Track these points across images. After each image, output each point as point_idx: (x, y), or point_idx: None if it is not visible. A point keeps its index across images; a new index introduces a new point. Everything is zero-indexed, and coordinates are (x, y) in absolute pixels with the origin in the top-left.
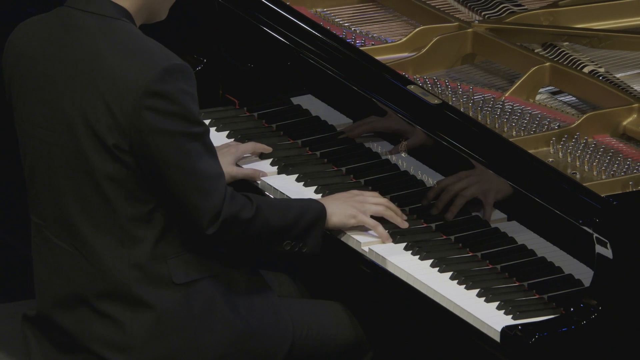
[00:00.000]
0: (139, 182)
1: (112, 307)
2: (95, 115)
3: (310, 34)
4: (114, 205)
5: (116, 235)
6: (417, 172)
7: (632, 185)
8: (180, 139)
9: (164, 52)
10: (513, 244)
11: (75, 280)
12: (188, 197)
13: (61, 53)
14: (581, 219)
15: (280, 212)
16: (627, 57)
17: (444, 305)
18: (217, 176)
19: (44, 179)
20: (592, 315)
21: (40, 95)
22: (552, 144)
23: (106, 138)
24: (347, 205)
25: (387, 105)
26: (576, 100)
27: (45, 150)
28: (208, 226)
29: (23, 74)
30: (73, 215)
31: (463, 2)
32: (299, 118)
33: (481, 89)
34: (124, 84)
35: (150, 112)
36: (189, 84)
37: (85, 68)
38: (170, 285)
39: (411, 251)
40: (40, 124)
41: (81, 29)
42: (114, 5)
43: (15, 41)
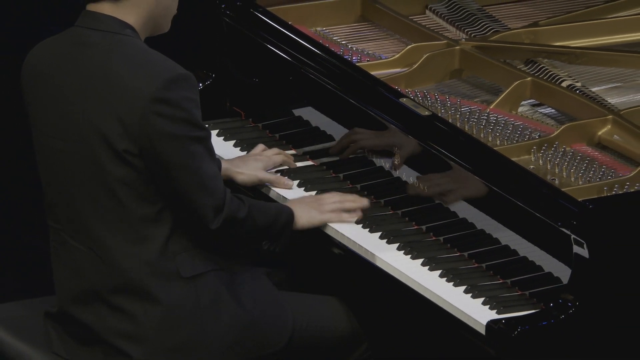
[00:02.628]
0: (148, 184)
1: (125, 301)
2: (107, 124)
3: (310, 51)
4: (125, 207)
5: (128, 234)
6: (409, 178)
7: (606, 190)
8: (186, 142)
9: (169, 63)
10: (497, 244)
11: (91, 278)
12: (193, 195)
13: (73, 68)
14: (560, 221)
15: (262, 213)
16: (602, 73)
17: (433, 300)
18: (218, 176)
19: (60, 186)
20: (569, 310)
21: (54, 108)
22: (533, 153)
23: (117, 144)
24: (309, 207)
25: (381, 116)
26: (555, 112)
27: (60, 159)
28: (212, 221)
29: (39, 90)
30: (87, 217)
31: (451, 22)
32: (300, 128)
33: (468, 102)
34: (133, 94)
35: (158, 117)
36: (192, 91)
37: (96, 81)
38: (178, 279)
39: (403, 251)
40: (54, 134)
41: (91, 45)
42: (119, 22)
43: (31, 60)
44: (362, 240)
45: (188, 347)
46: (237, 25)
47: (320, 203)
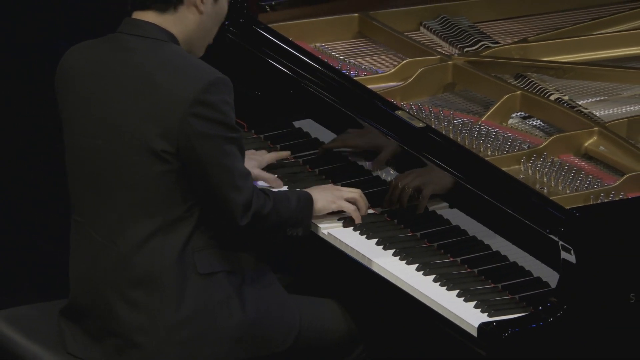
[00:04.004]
0: (180, 183)
1: (141, 295)
2: (145, 125)
3: (310, 65)
4: (155, 204)
5: (154, 231)
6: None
7: (592, 199)
8: (221, 142)
9: (208, 67)
10: (488, 250)
11: (110, 272)
12: (225, 192)
13: (112, 71)
14: (548, 228)
15: (285, 203)
16: (588, 87)
17: (427, 304)
18: (248, 175)
19: (89, 182)
20: (557, 313)
21: (91, 109)
22: (523, 163)
23: (155, 144)
24: (327, 192)
25: (378, 128)
26: (544, 124)
27: (93, 157)
28: (242, 218)
29: (74, 90)
30: (115, 212)
31: (444, 38)
32: (300, 139)
33: (460, 114)
34: (173, 96)
35: (197, 118)
36: (229, 95)
37: (134, 83)
38: (195, 275)
39: (399, 256)
40: (89, 134)
41: (131, 50)
42: (161, 29)
43: (68, 61)
44: (359, 247)
45: (199, 341)
46: (240, 41)
47: (338, 189)
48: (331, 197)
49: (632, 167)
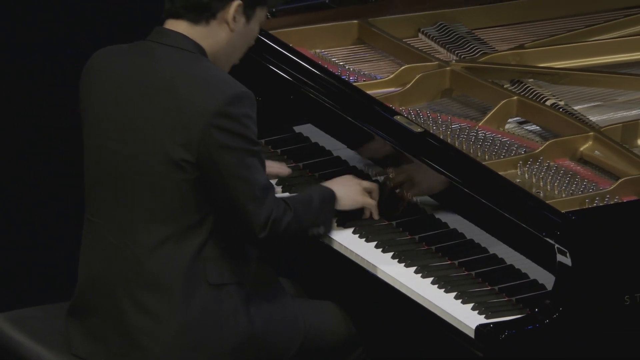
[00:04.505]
0: (196, 192)
1: (150, 300)
2: (167, 133)
3: (310, 71)
4: (170, 211)
5: (167, 236)
6: (403, 191)
7: (588, 202)
8: (242, 154)
9: (233, 81)
10: (486, 253)
11: (121, 274)
12: (244, 204)
13: (138, 77)
14: (544, 231)
15: (307, 208)
16: (583, 92)
17: (425, 306)
18: (269, 187)
19: (107, 184)
20: (553, 315)
21: (115, 112)
22: (519, 167)
23: (175, 153)
24: (349, 189)
25: (377, 133)
26: (540, 129)
27: (113, 159)
28: (260, 230)
29: (99, 93)
30: (130, 216)
31: (442, 44)
32: (300, 144)
33: (458, 119)
34: (196, 107)
35: (219, 130)
36: (252, 109)
37: (160, 91)
38: (204, 285)
39: (398, 259)
40: (111, 136)
41: (159, 58)
42: (190, 41)
43: (95, 64)
44: (358, 249)
45: (203, 349)
46: None
47: (358, 182)
48: (355, 194)
49: (627, 172)
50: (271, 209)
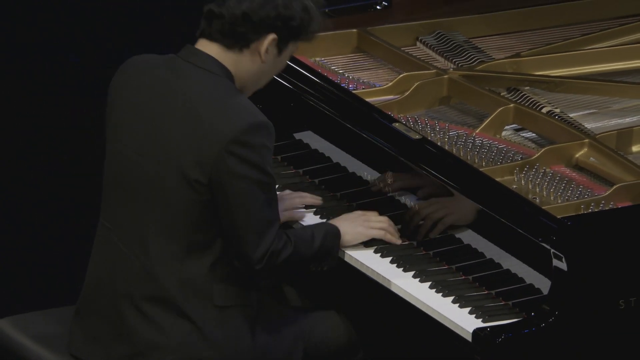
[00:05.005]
0: (207, 214)
1: (156, 311)
2: (184, 153)
3: (310, 79)
4: (180, 228)
5: (176, 252)
6: (401, 196)
7: (583, 208)
8: (253, 185)
9: (253, 109)
10: (483, 258)
11: (129, 282)
12: (246, 235)
13: (162, 94)
14: (540, 236)
15: (308, 243)
16: (579, 100)
17: (423, 310)
18: (274, 222)
19: (123, 192)
20: (549, 318)
21: (138, 123)
22: (516, 173)
23: (189, 172)
24: (355, 224)
25: (375, 140)
26: (536, 136)
27: (131, 168)
28: (257, 262)
29: (126, 101)
30: (142, 227)
31: (440, 53)
32: (300, 151)
33: (455, 126)
34: (215, 131)
35: (233, 157)
36: (269, 140)
37: (181, 112)
38: (210, 305)
39: (396, 264)
40: (132, 146)
41: (186, 78)
42: (219, 64)
43: (126, 72)
44: (357, 254)
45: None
46: None
47: (366, 219)
48: (360, 229)
49: (622, 178)
50: (270, 243)
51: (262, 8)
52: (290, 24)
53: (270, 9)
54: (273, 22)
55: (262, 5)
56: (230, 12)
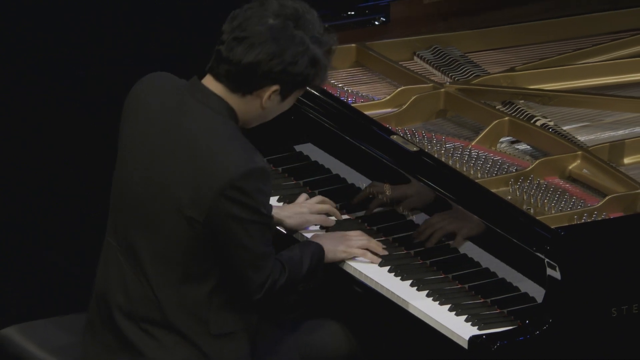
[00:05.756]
0: (204, 245)
1: (158, 331)
2: (182, 190)
3: (310, 93)
4: (176, 258)
5: (172, 279)
6: (399, 208)
7: (576, 218)
8: (247, 224)
9: (251, 154)
10: (478, 267)
11: (132, 301)
12: (243, 270)
13: (169, 127)
14: (535, 246)
15: (299, 266)
16: (572, 113)
17: (421, 318)
18: (270, 255)
19: (125, 215)
20: (543, 326)
21: (143, 152)
22: (511, 185)
23: (185, 210)
24: (337, 242)
25: (374, 152)
26: (530, 148)
27: (133, 194)
28: (255, 294)
29: (136, 125)
30: (140, 251)
31: (437, 67)
32: (301, 162)
33: (452, 139)
34: (211, 174)
35: (229, 201)
36: (266, 184)
37: (182, 150)
38: (206, 333)
39: (394, 273)
40: (136, 173)
41: (189, 114)
42: (224, 103)
43: (142, 91)
44: (356, 264)
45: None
46: None
47: (347, 238)
48: (342, 247)
49: (614, 189)
50: (268, 275)
51: (269, 61)
52: (295, 79)
53: (277, 63)
54: (278, 75)
55: (269, 59)
56: (237, 59)
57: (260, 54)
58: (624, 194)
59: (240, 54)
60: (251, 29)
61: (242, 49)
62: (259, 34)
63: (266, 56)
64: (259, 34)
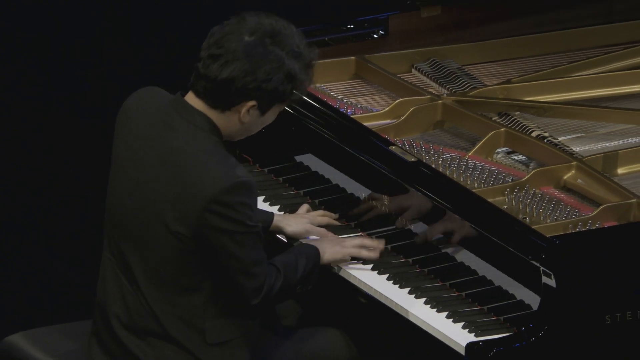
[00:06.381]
0: (192, 258)
1: (156, 342)
2: (166, 205)
3: (310, 104)
4: (167, 271)
5: (165, 293)
6: (398, 217)
7: (571, 227)
8: (235, 235)
9: (233, 169)
10: (475, 275)
11: (130, 313)
12: (237, 278)
13: (155, 143)
14: (530, 255)
15: (294, 269)
16: (566, 124)
17: (419, 325)
18: (262, 261)
19: (117, 230)
20: (539, 333)
21: (131, 168)
22: (507, 194)
23: (171, 225)
24: (333, 244)
25: (373, 162)
26: (526, 158)
27: (123, 210)
28: (252, 299)
29: (125, 142)
30: (134, 264)
31: (434, 79)
32: (301, 172)
33: (449, 150)
34: (195, 190)
35: (214, 215)
36: (250, 197)
37: (167, 165)
38: (203, 343)
39: (392, 281)
40: (125, 189)
41: (174, 130)
42: (206, 119)
43: (130, 108)
44: (355, 272)
45: None
46: None
47: (342, 240)
48: (337, 248)
49: (608, 199)
50: (263, 280)
51: (243, 78)
52: (270, 94)
53: (250, 80)
54: (252, 92)
55: (243, 75)
56: (213, 76)
57: (234, 71)
58: (618, 203)
59: (216, 70)
60: (227, 46)
61: (218, 66)
62: (234, 51)
63: (240, 73)
64: (233, 51)
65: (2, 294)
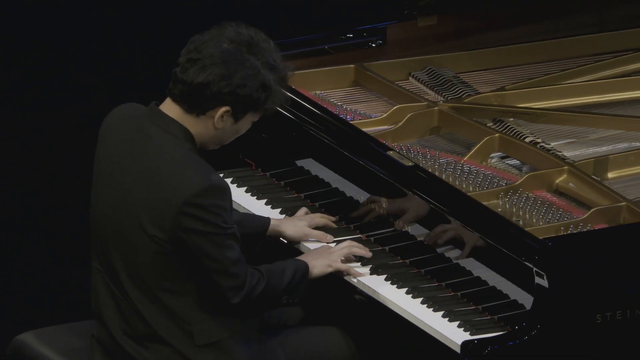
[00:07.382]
0: (173, 262)
1: (151, 345)
2: (143, 210)
3: (311, 111)
4: (149, 277)
5: (151, 298)
6: (395, 220)
7: (563, 230)
8: (211, 236)
9: (207, 173)
10: (470, 275)
11: (122, 318)
12: (217, 278)
13: (131, 151)
14: (523, 256)
15: (280, 277)
16: (559, 130)
17: (416, 324)
18: (240, 260)
19: (103, 238)
20: (532, 331)
21: (110, 179)
22: (501, 198)
23: (148, 229)
24: (321, 258)
25: (371, 167)
26: (519, 163)
27: (104, 220)
28: (234, 298)
29: (105, 154)
30: (120, 270)
31: (430, 87)
32: (302, 177)
33: (445, 154)
34: (171, 194)
35: (189, 217)
36: (223, 199)
37: (143, 171)
38: (192, 345)
39: (390, 281)
40: (105, 199)
41: (150, 137)
42: (180, 126)
43: (110, 122)
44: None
45: None
46: None
47: (330, 252)
48: (327, 262)
49: (598, 202)
50: (244, 280)
51: (218, 82)
52: (244, 101)
53: (225, 85)
54: (227, 96)
55: (219, 80)
56: (189, 80)
57: (211, 75)
58: (608, 206)
59: (193, 74)
60: (205, 52)
61: (195, 70)
62: (211, 56)
63: (216, 77)
64: (211, 56)
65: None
